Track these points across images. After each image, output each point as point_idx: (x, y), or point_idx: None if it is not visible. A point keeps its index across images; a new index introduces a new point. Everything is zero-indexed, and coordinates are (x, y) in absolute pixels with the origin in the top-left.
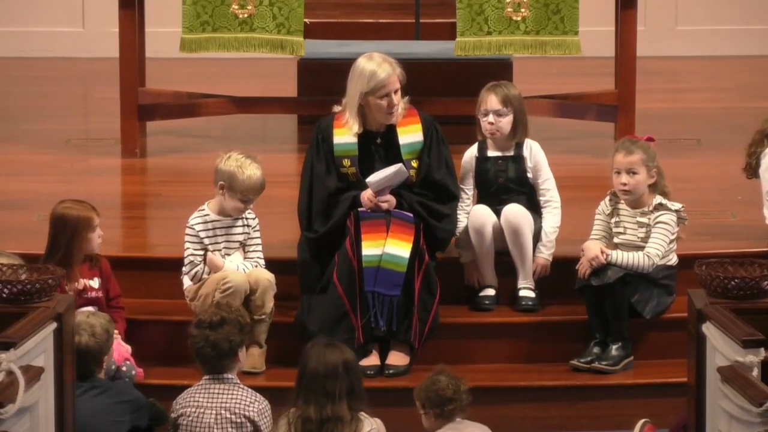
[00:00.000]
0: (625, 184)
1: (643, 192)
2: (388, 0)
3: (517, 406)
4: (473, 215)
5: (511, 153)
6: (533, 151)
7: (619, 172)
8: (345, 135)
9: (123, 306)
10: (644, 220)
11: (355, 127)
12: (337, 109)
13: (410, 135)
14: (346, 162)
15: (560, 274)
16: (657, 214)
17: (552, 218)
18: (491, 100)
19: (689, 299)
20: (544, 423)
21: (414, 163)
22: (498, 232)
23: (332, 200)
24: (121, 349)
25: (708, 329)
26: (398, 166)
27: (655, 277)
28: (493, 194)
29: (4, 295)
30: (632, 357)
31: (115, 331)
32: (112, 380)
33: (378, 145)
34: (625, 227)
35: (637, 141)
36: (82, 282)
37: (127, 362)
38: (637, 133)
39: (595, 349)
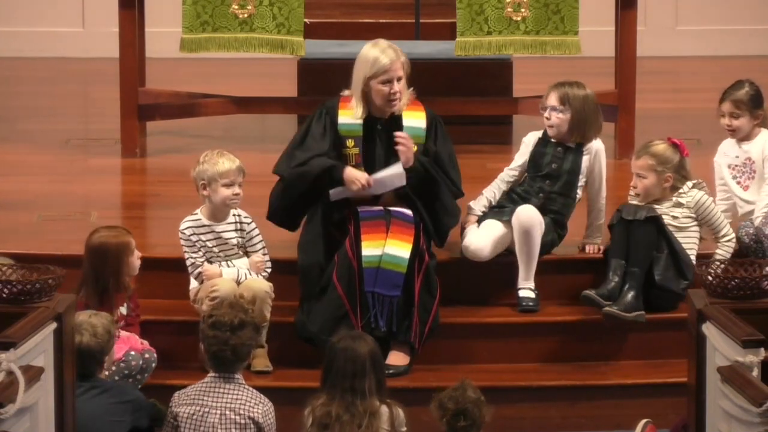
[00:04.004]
0: (633, 187)
1: (656, 194)
2: (388, 0)
3: (517, 406)
4: (521, 215)
5: (572, 146)
6: (596, 155)
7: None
8: (350, 116)
9: (139, 313)
10: (677, 213)
11: (359, 112)
12: (345, 93)
13: (414, 120)
14: (350, 142)
15: (561, 275)
16: (687, 204)
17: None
18: (550, 97)
19: (689, 299)
20: (544, 423)
21: (414, 147)
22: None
23: (320, 160)
24: (125, 341)
25: (708, 329)
26: (400, 170)
27: (680, 254)
28: (540, 178)
29: (4, 295)
30: (644, 312)
31: (120, 331)
32: (126, 376)
33: (380, 130)
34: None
35: (651, 145)
36: (120, 310)
37: (131, 352)
38: (637, 134)
39: (609, 287)
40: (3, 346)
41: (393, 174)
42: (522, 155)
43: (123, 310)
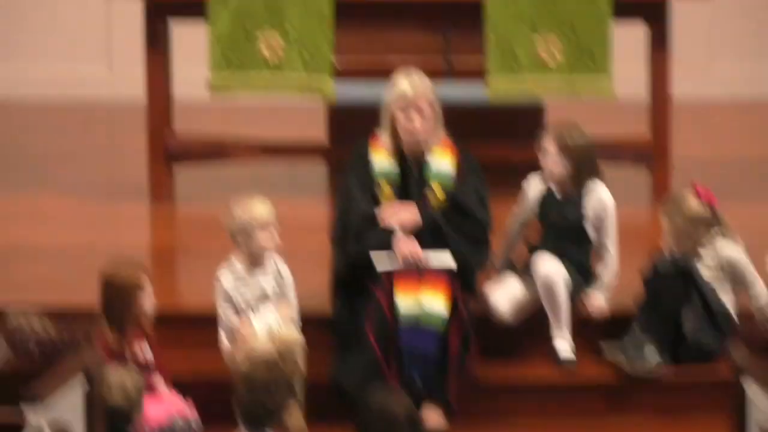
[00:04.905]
0: (666, 244)
1: (688, 248)
2: (417, 41)
3: None
4: (540, 271)
5: (573, 193)
6: (598, 201)
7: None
8: (382, 157)
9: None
10: (707, 266)
11: (387, 143)
12: (378, 130)
13: (442, 160)
14: (384, 184)
15: (598, 330)
16: (714, 257)
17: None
18: (548, 141)
19: (729, 354)
20: None
21: (437, 186)
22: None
23: (367, 225)
24: (172, 403)
25: (749, 386)
26: (451, 263)
27: (715, 306)
28: (549, 227)
29: (31, 349)
30: (662, 363)
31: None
32: None
33: (413, 170)
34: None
35: (679, 198)
36: (140, 349)
37: (178, 418)
38: (674, 181)
39: (630, 343)
40: (31, 402)
41: (442, 262)
42: (523, 204)
43: (148, 353)
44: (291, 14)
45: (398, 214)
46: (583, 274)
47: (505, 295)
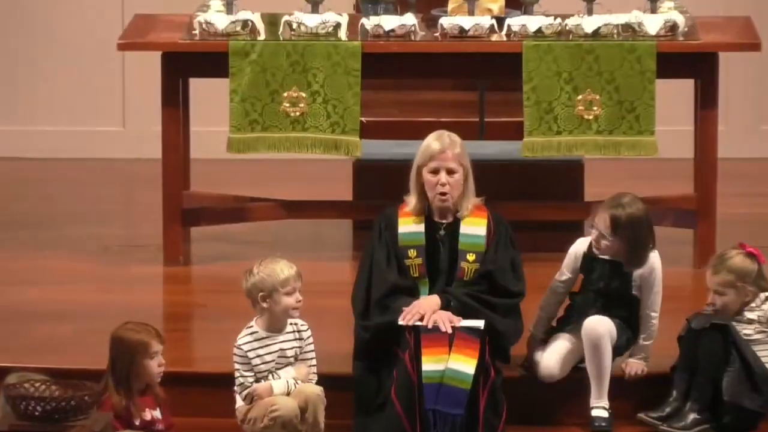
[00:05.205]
0: (711, 304)
1: (736, 310)
2: (450, 97)
3: None
4: (588, 328)
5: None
6: (650, 268)
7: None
8: (410, 224)
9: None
10: (749, 329)
11: (416, 208)
12: (407, 197)
13: (473, 227)
14: (412, 252)
15: (635, 391)
16: (759, 319)
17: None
18: (600, 220)
19: None
20: None
21: (470, 257)
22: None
23: (391, 297)
24: None
25: None
26: (480, 325)
27: (755, 367)
28: (593, 291)
29: (37, 413)
30: (702, 425)
31: None
32: None
33: (443, 236)
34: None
35: (727, 258)
36: (149, 413)
37: None
38: (719, 242)
39: (668, 409)
40: None
41: (472, 323)
42: (569, 268)
43: (158, 414)
44: (317, 69)
45: (420, 313)
46: (629, 326)
47: (551, 353)
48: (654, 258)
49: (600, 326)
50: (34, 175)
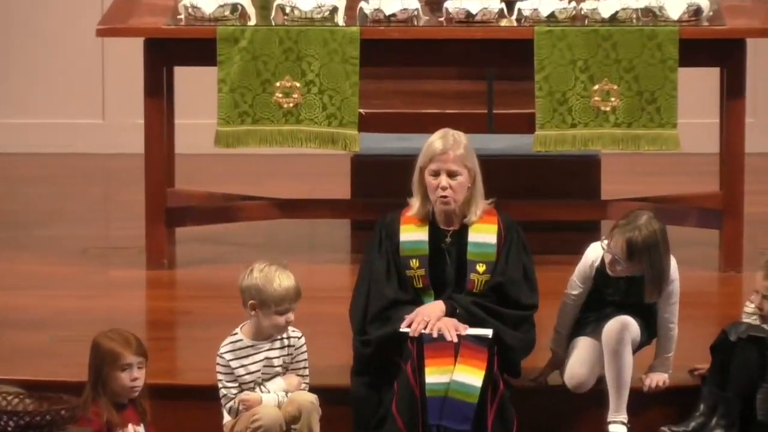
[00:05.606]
0: (761, 309)
1: None
2: (455, 88)
3: None
4: (610, 332)
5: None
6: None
7: (757, 292)
8: (413, 232)
9: None
10: None
11: (419, 213)
12: (410, 200)
13: (481, 234)
14: (414, 263)
15: (657, 405)
16: None
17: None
18: (615, 245)
19: None
20: None
21: (480, 268)
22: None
23: (390, 311)
24: None
25: None
26: (488, 334)
27: None
28: (607, 302)
29: (10, 428)
30: None
31: None
32: None
33: (448, 245)
34: None
35: None
36: (132, 428)
37: None
38: (746, 244)
39: (693, 423)
40: None
41: (479, 332)
42: (581, 278)
43: (141, 429)
44: (312, 57)
45: (424, 321)
46: (648, 324)
47: (577, 360)
48: (672, 267)
49: (622, 331)
50: (5, 171)
